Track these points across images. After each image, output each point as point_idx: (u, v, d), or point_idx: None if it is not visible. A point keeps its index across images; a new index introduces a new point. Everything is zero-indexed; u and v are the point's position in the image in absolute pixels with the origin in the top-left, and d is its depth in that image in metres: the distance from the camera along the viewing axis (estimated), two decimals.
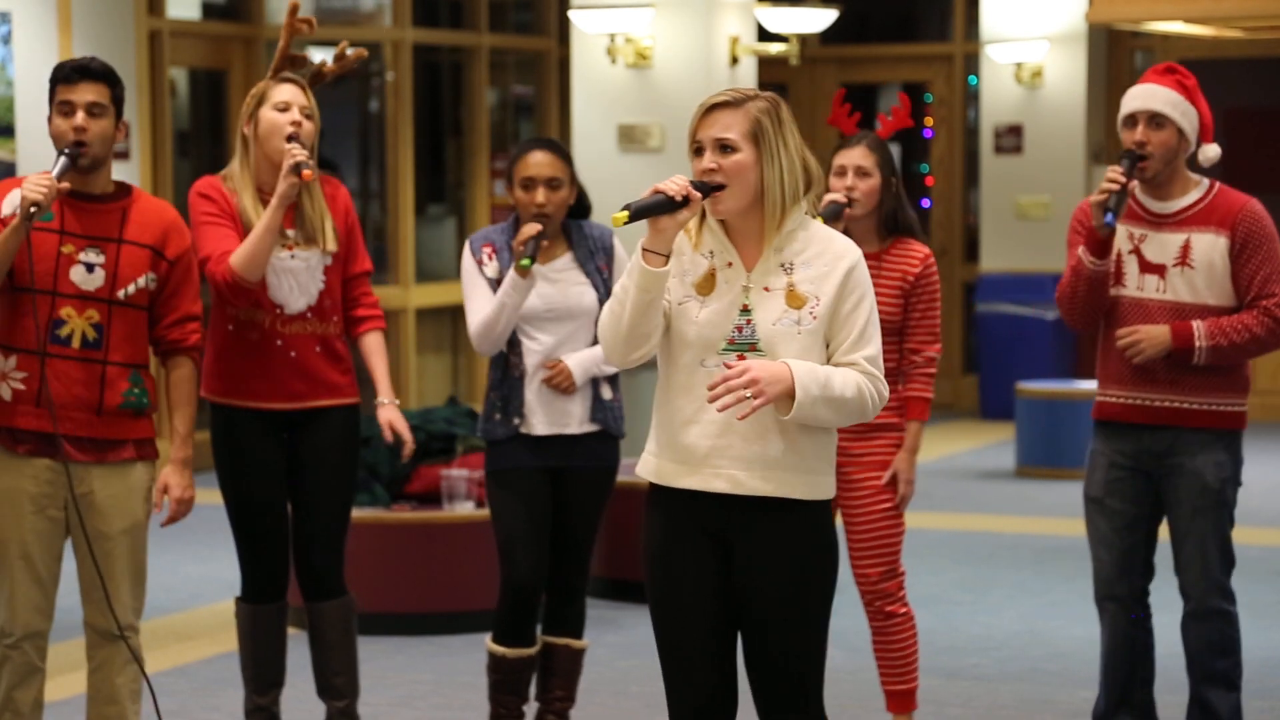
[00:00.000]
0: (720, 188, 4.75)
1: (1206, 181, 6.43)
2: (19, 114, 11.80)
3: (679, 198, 4.69)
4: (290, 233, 6.38)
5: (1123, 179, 6.25)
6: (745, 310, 4.79)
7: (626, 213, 4.67)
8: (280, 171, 6.25)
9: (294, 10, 6.53)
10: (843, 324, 4.79)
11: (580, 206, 6.68)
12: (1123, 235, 6.41)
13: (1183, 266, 6.34)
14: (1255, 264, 6.31)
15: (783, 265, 4.79)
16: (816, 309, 4.77)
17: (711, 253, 4.83)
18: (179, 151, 13.43)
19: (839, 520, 6.67)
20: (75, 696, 6.48)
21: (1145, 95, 6.39)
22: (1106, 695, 6.61)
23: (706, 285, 4.82)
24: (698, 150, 4.80)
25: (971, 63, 16.47)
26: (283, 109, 6.35)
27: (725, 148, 4.76)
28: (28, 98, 11.73)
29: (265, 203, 6.33)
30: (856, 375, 4.76)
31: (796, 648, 4.86)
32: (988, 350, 15.59)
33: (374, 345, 6.55)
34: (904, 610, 6.67)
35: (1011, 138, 15.86)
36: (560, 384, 6.46)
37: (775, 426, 4.75)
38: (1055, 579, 9.74)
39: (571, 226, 6.63)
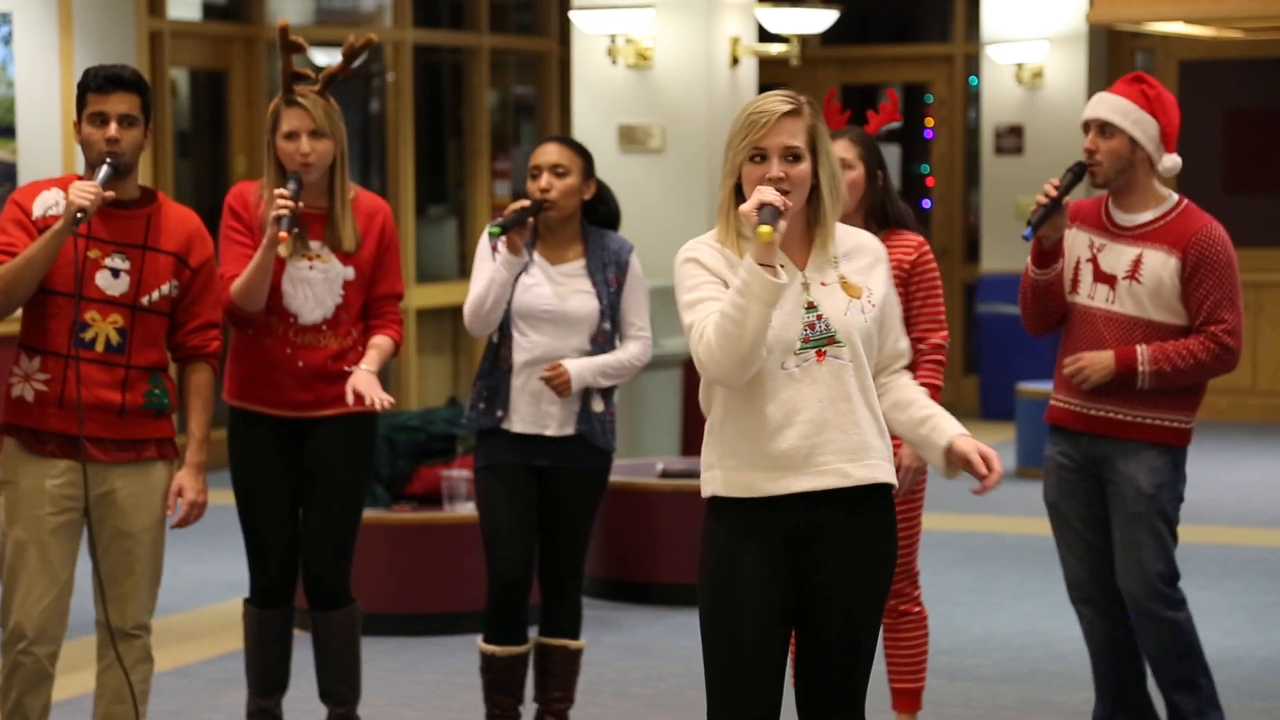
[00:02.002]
0: (781, 209, 4.70)
1: (1175, 199, 6.44)
2: (20, 114, 11.79)
3: (783, 207, 4.68)
4: (314, 244, 6.39)
5: (1055, 193, 6.28)
6: (811, 307, 4.79)
7: (769, 228, 4.59)
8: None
9: (284, 31, 6.49)
10: (892, 315, 4.92)
11: (606, 214, 6.68)
12: (1084, 243, 6.45)
13: (1131, 280, 6.36)
14: (1206, 288, 6.31)
15: (831, 260, 4.84)
16: (872, 298, 4.83)
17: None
18: (179, 152, 13.45)
19: None
20: (79, 696, 6.47)
21: (1097, 103, 6.44)
22: (1101, 699, 6.64)
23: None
24: (756, 157, 4.77)
25: (972, 63, 16.49)
26: (291, 136, 6.35)
27: (795, 157, 4.77)
28: (28, 98, 11.75)
29: (303, 218, 6.35)
30: (910, 383, 4.98)
31: (858, 641, 4.87)
32: (988, 351, 15.61)
33: (378, 340, 6.47)
34: (918, 609, 6.68)
35: (1012, 138, 15.88)
36: (558, 387, 6.45)
37: (868, 415, 4.81)
38: (1056, 580, 9.62)
39: (591, 233, 6.62)
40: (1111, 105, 6.38)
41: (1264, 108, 16.04)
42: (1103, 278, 6.40)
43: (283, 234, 6.14)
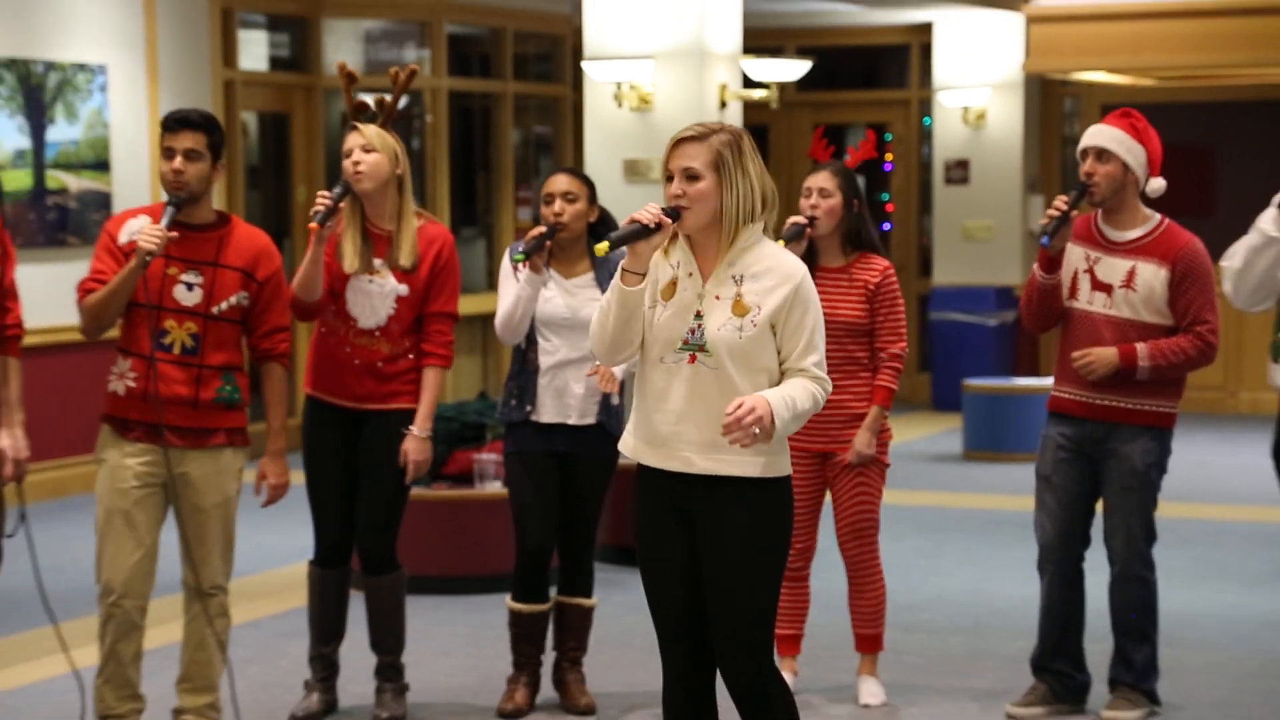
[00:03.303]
0: (680, 213, 4.72)
1: (1158, 217, 6.45)
2: (114, 151, 11.82)
3: (652, 224, 4.68)
4: (377, 261, 6.36)
5: (1065, 207, 6.30)
6: (698, 315, 4.74)
7: (608, 244, 4.69)
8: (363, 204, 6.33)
9: (343, 69, 6.53)
10: (792, 334, 4.74)
11: (605, 227, 6.63)
12: (1080, 256, 6.44)
13: (1127, 289, 6.37)
14: (1191, 295, 6.33)
15: (734, 277, 4.74)
16: (757, 318, 4.70)
17: (678, 263, 4.79)
18: (250, 184, 13.44)
19: (827, 496, 6.72)
20: (169, 645, 6.49)
21: (1095, 134, 6.45)
22: (1042, 644, 6.63)
23: (669, 291, 4.78)
24: (669, 178, 4.77)
25: (925, 106, 16.46)
26: (348, 154, 6.36)
27: (690, 176, 4.73)
28: (121, 138, 11.77)
29: (369, 232, 6.37)
30: (807, 382, 4.73)
31: (741, 607, 4.81)
32: (939, 352, 15.60)
33: (428, 379, 6.43)
34: (878, 568, 6.74)
35: (959, 170, 15.86)
36: (605, 387, 6.45)
37: (723, 417, 4.66)
38: (997, 547, 9.75)
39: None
40: (1107, 135, 6.41)
41: (1172, 144, 15.97)
42: (1100, 286, 6.41)
43: (312, 225, 6.16)
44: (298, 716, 6.53)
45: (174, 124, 5.90)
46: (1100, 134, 6.42)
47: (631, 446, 4.88)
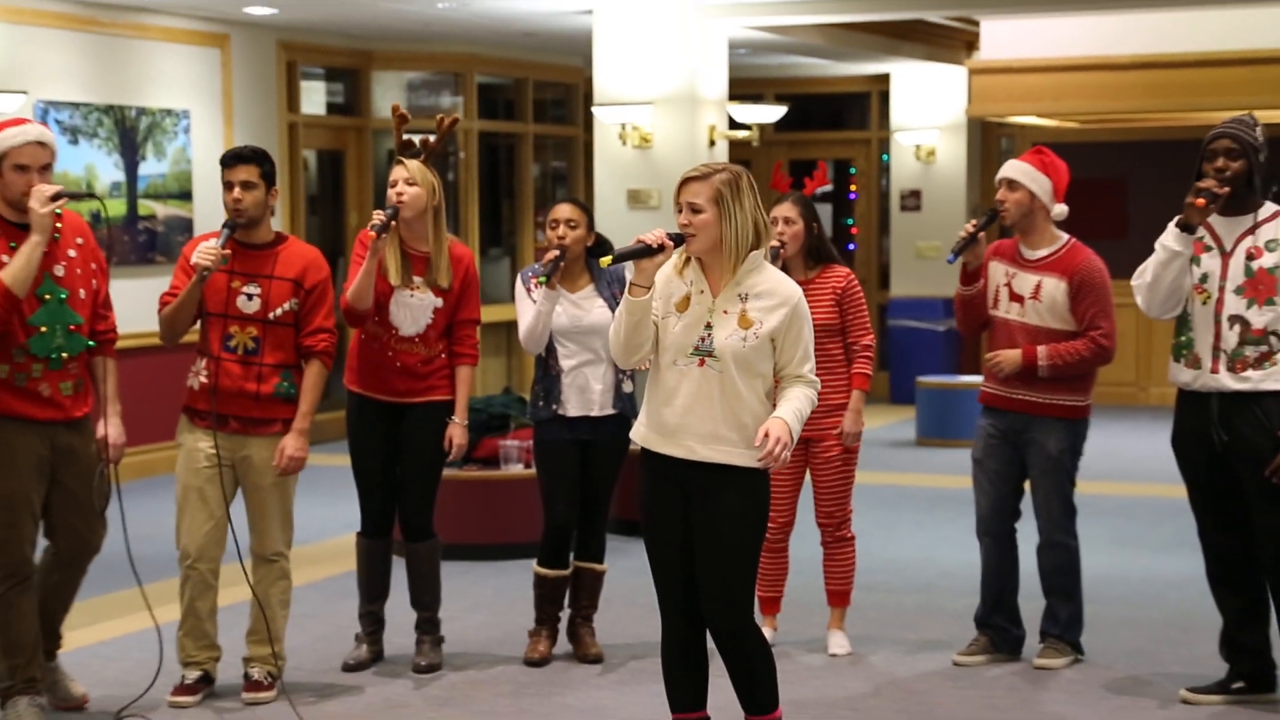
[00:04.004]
0: (685, 238, 4.79)
1: (1065, 238, 6.44)
2: (195, 183, 11.83)
3: (655, 245, 4.74)
4: (417, 279, 6.34)
5: (973, 229, 6.35)
6: (708, 326, 4.78)
7: (610, 256, 4.78)
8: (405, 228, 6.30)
9: (395, 110, 6.51)
10: (791, 346, 4.80)
11: (601, 250, 6.63)
12: (1001, 272, 6.46)
13: (1035, 300, 6.37)
14: (1087, 304, 6.32)
15: (740, 295, 4.79)
16: (759, 331, 4.76)
17: (690, 281, 4.83)
18: (309, 211, 13.43)
19: (808, 476, 6.69)
20: (240, 602, 6.47)
21: (1007, 167, 6.48)
22: (984, 603, 6.63)
23: (683, 304, 4.82)
24: (678, 209, 4.81)
25: (884, 145, 16.44)
26: (393, 185, 6.33)
27: (695, 209, 4.77)
28: (201, 171, 11.76)
29: (406, 253, 6.33)
30: (804, 388, 4.81)
31: (729, 566, 4.82)
32: (895, 353, 15.57)
33: (462, 376, 6.46)
34: (850, 536, 6.75)
35: (913, 199, 15.84)
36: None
37: (723, 414, 4.76)
38: (944, 519, 9.73)
39: (594, 265, 6.61)
40: (1016, 168, 6.42)
41: (1091, 177, 15.98)
42: (1015, 298, 6.41)
43: (371, 233, 6.14)
44: (349, 664, 6.51)
45: (230, 160, 5.95)
46: (1011, 167, 6.44)
47: (642, 435, 4.89)
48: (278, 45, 12.65)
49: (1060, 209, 6.44)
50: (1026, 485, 6.52)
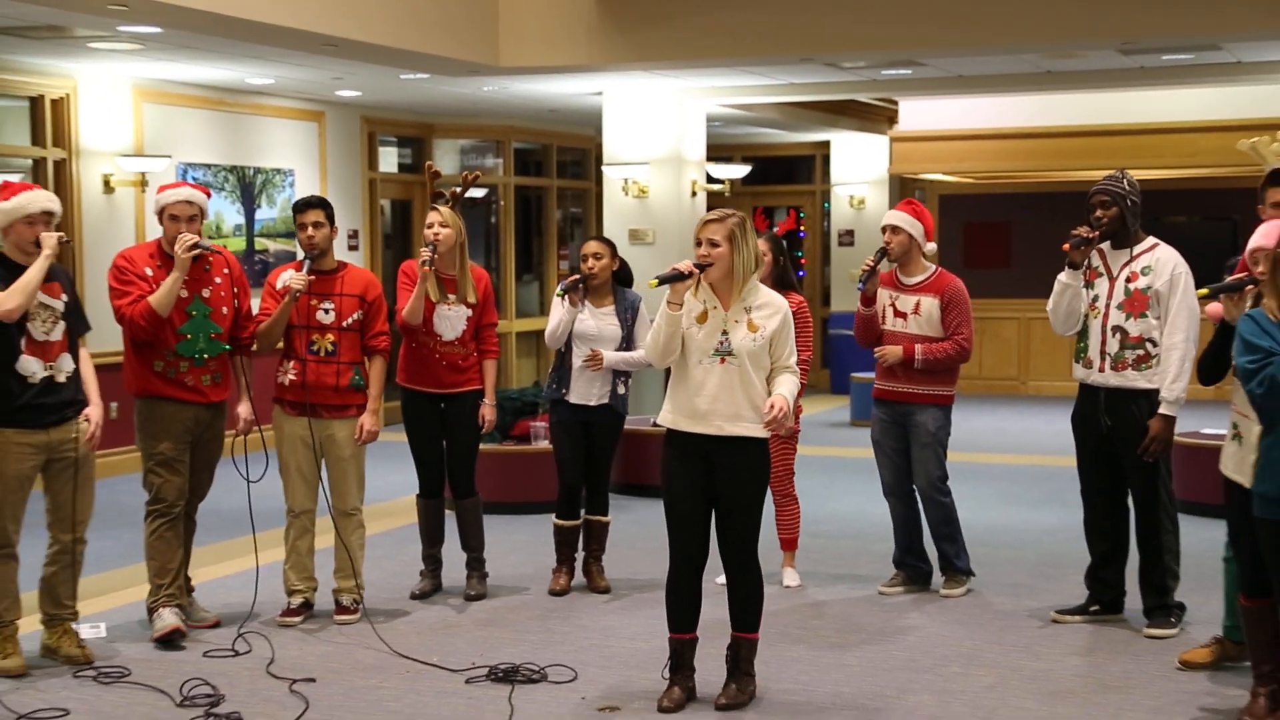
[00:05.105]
0: (707, 266, 4.80)
1: (933, 268, 6.46)
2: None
3: (687, 272, 4.76)
4: (451, 296, 6.33)
5: (871, 264, 6.39)
6: (724, 333, 4.80)
7: (656, 280, 4.75)
8: (439, 260, 6.28)
9: (429, 168, 6.56)
10: (783, 344, 4.85)
11: (626, 277, 6.65)
12: (887, 296, 6.47)
13: (915, 315, 6.38)
14: (952, 315, 6.35)
15: (745, 308, 4.83)
16: (764, 333, 4.80)
17: (704, 300, 4.84)
18: (385, 246, 13.40)
19: None
20: (326, 547, 6.46)
21: (889, 215, 6.50)
22: (898, 547, 6.62)
23: (702, 318, 4.83)
24: (699, 243, 4.83)
25: (825, 195, 16.40)
26: (429, 226, 6.32)
27: (713, 243, 4.79)
28: None
29: (440, 276, 6.30)
30: (792, 375, 4.86)
31: (742, 516, 4.83)
32: (834, 355, 15.52)
33: (488, 368, 6.42)
34: (794, 494, 6.72)
35: (848, 237, 15.80)
36: (594, 368, 6.43)
37: (743, 398, 4.77)
38: (870, 483, 9.57)
39: (619, 291, 6.58)
40: (897, 216, 6.43)
41: (983, 220, 15.97)
42: (899, 314, 6.41)
43: (426, 268, 6.15)
44: (415, 593, 6.49)
45: (301, 207, 6.01)
46: (892, 215, 6.46)
47: (671, 420, 4.86)
48: (361, 119, 12.62)
49: (930, 247, 6.45)
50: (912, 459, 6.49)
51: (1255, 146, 5.36)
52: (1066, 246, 5.79)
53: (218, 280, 5.83)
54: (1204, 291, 4.90)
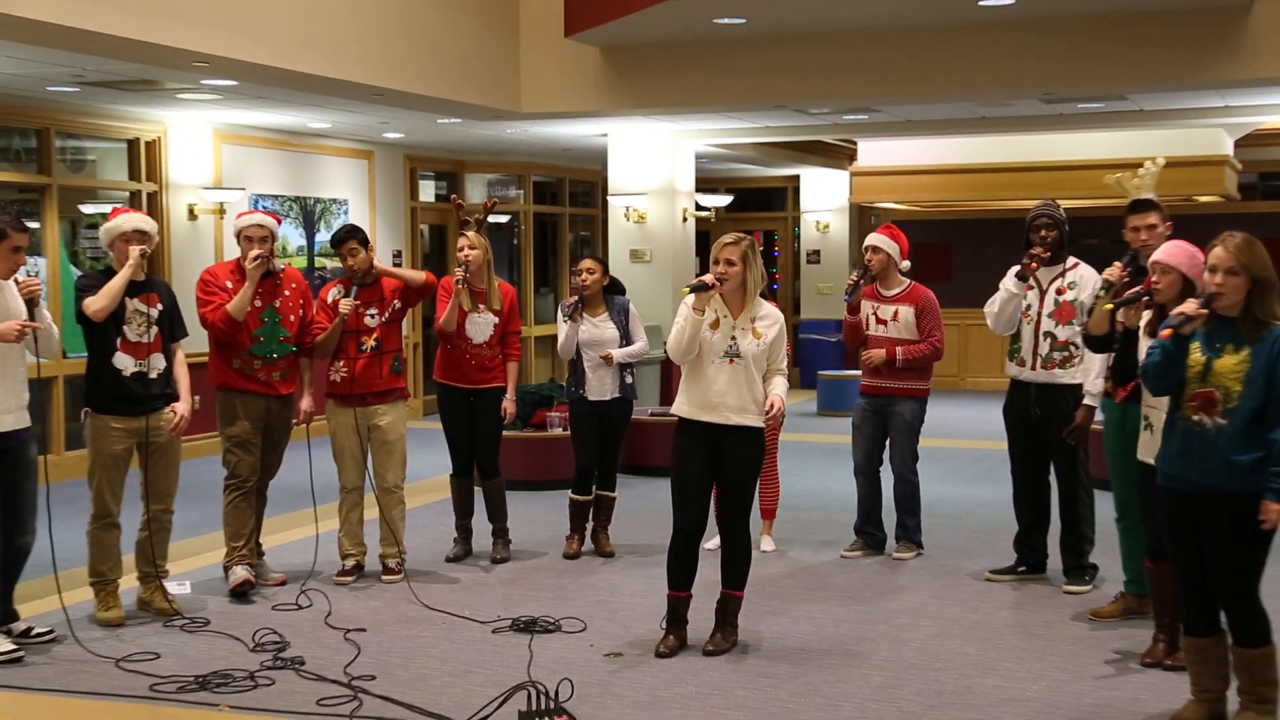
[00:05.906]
0: (723, 280, 4.80)
1: (908, 282, 6.43)
2: None
3: (711, 283, 4.76)
4: (481, 306, 6.31)
5: (856, 278, 6.36)
6: (733, 338, 4.80)
7: (688, 289, 4.76)
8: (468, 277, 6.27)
9: (454, 200, 6.58)
10: (778, 348, 4.86)
11: (616, 288, 6.62)
12: (870, 306, 6.43)
13: (894, 321, 6.35)
14: (925, 321, 6.33)
15: (751, 318, 4.83)
16: (765, 340, 4.81)
17: (716, 310, 4.84)
18: (424, 264, 13.35)
19: None
20: (371, 520, 6.44)
21: (870, 237, 6.45)
22: (860, 517, 6.59)
23: (715, 325, 4.83)
24: (716, 262, 4.83)
25: (796, 221, 16.40)
26: (460, 249, 6.30)
27: (729, 263, 4.80)
28: None
29: (472, 289, 6.29)
30: (783, 378, 4.85)
31: (741, 491, 4.83)
32: (804, 355, 15.51)
33: (511, 369, 6.39)
34: (774, 473, 6.68)
35: (815, 256, 15.79)
36: (606, 362, 6.42)
37: (747, 393, 4.77)
38: (836, 464, 9.67)
39: (609, 298, 6.57)
40: (877, 238, 6.40)
41: (929, 242, 15.97)
42: (880, 321, 6.39)
43: (460, 285, 6.14)
44: (450, 558, 6.46)
45: (337, 242, 5.97)
46: (874, 238, 6.43)
47: (685, 410, 4.85)
48: (404, 157, 12.59)
49: (905, 264, 6.43)
50: (888, 443, 6.49)
51: (1120, 181, 5.35)
52: (1033, 265, 5.76)
53: (287, 293, 5.87)
54: (1109, 306, 4.90)
